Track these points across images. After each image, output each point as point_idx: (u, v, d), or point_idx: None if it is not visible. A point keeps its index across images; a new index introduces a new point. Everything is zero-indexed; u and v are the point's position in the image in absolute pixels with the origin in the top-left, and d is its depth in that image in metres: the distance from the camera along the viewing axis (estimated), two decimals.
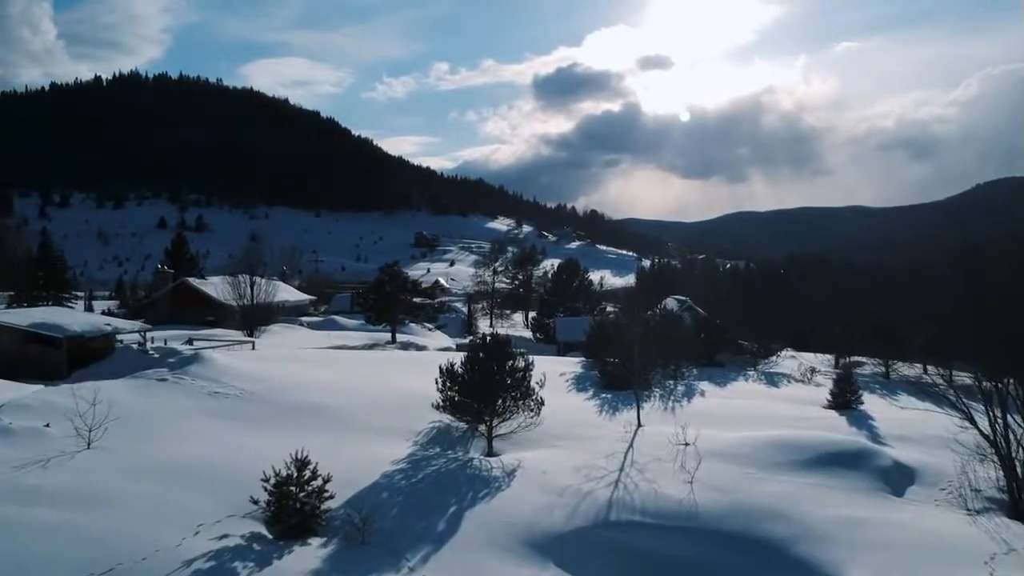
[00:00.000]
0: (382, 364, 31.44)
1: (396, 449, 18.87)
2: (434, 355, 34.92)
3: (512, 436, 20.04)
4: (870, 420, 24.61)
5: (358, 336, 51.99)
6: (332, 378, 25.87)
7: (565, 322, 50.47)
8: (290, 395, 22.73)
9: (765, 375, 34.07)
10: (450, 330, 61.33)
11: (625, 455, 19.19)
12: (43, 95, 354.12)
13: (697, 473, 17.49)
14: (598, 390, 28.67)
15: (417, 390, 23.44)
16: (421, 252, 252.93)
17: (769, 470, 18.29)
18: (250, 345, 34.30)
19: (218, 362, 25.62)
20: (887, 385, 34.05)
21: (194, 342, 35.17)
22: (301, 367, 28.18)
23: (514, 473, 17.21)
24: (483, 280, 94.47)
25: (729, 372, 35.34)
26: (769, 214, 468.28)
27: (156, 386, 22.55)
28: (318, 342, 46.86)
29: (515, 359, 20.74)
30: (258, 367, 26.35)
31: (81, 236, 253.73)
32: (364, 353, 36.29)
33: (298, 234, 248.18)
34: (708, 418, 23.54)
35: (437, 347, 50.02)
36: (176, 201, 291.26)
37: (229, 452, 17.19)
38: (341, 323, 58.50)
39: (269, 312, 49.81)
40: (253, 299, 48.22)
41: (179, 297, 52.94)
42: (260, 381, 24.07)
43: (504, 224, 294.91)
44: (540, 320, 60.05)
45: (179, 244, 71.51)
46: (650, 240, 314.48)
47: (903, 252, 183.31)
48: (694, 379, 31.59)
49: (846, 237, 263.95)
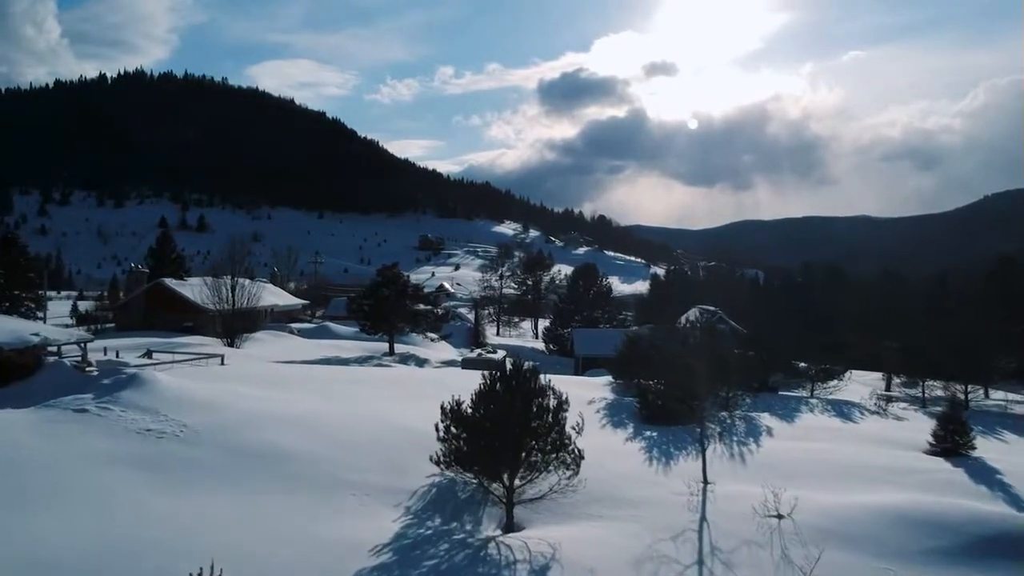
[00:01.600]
0: (373, 386, 26.00)
1: (380, 523, 13.47)
2: (436, 374, 29.54)
3: (540, 502, 14.61)
4: (996, 474, 19.08)
5: (352, 346, 46.64)
6: (307, 408, 20.47)
7: (584, 334, 44.86)
8: (245, 435, 17.33)
9: (831, 405, 28.54)
10: (455, 340, 55.84)
11: (700, 535, 13.75)
12: (47, 92, 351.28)
13: (815, 570, 12.02)
14: (638, 425, 23.21)
15: (413, 425, 18.13)
16: (425, 255, 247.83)
17: (910, 563, 12.83)
18: (219, 359, 28.97)
19: (162, 386, 20.25)
20: (975, 418, 28.44)
21: (154, 354, 29.84)
22: (271, 391, 22.80)
23: (547, 571, 11.78)
24: (490, 285, 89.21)
25: (787, 400, 29.82)
26: (775, 222, 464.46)
27: (69, 420, 17.20)
28: (306, 353, 41.52)
29: (545, 395, 15.23)
30: (216, 392, 20.99)
31: (81, 235, 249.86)
32: (354, 370, 30.86)
33: (301, 235, 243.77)
34: (790, 471, 18.10)
35: (439, 360, 44.62)
36: (178, 200, 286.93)
37: (129, 537, 11.73)
38: (335, 331, 53.15)
39: (253, 318, 44.46)
40: (235, 303, 42.95)
41: (154, 300, 47.60)
42: (212, 412, 18.71)
43: (511, 228, 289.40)
44: (554, 330, 54.57)
45: (164, 242, 66.19)
46: (658, 247, 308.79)
47: (916, 263, 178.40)
48: (749, 409, 26.13)
49: (854, 246, 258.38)
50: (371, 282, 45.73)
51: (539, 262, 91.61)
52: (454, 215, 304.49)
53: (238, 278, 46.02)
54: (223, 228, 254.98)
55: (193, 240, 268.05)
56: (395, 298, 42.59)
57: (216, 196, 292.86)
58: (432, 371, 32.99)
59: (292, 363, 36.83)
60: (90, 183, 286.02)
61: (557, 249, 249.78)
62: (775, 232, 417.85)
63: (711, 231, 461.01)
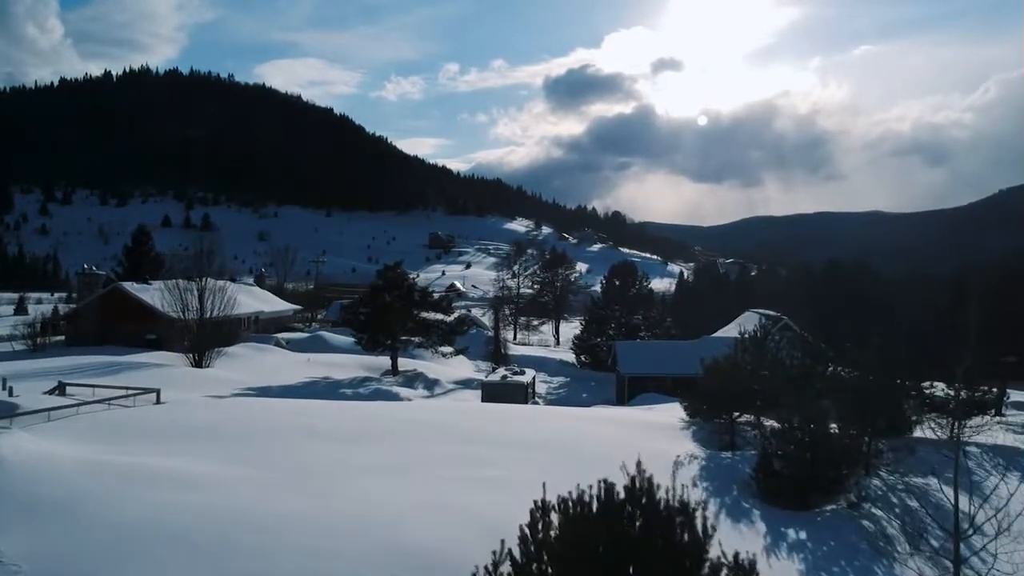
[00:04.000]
0: (355, 441, 17.85)
1: None
2: (449, 414, 21.39)
3: None
4: None
5: (348, 362, 38.72)
6: (226, 509, 12.21)
7: (630, 349, 36.33)
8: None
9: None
10: (472, 351, 47.36)
11: None
12: (52, 91, 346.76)
13: None
14: (764, 511, 15.01)
15: (421, 542, 10.15)
16: (436, 254, 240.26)
17: None
18: (155, 395, 21.06)
19: (5, 464, 12.31)
20: None
21: (68, 389, 21.97)
22: (189, 462, 14.67)
23: None
24: (505, 285, 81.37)
25: (928, 446, 21.51)
26: (787, 219, 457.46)
27: None
28: (288, 373, 33.66)
29: (677, 530, 7.11)
30: (91, 472, 13.03)
31: (82, 234, 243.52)
32: (337, 408, 22.50)
33: (308, 234, 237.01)
34: None
35: (453, 380, 36.63)
36: (183, 199, 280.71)
37: None
38: (330, 342, 45.27)
39: (229, 329, 36.67)
40: (203, 312, 35.19)
41: (110, 308, 39.87)
42: (58, 521, 10.71)
43: (522, 225, 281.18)
44: (586, 339, 46.37)
45: (140, 241, 58.69)
46: (674, 243, 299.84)
47: (936, 259, 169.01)
48: (896, 469, 17.97)
49: (868, 243, 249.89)
50: (370, 285, 37.75)
51: (560, 260, 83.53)
52: (465, 212, 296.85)
53: (211, 280, 38.27)
54: (228, 227, 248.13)
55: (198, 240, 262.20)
56: (399, 305, 34.55)
57: (222, 194, 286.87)
58: (443, 405, 24.82)
59: (265, 390, 29.00)
60: (93, 182, 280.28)
61: (570, 246, 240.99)
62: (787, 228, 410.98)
63: (722, 228, 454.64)
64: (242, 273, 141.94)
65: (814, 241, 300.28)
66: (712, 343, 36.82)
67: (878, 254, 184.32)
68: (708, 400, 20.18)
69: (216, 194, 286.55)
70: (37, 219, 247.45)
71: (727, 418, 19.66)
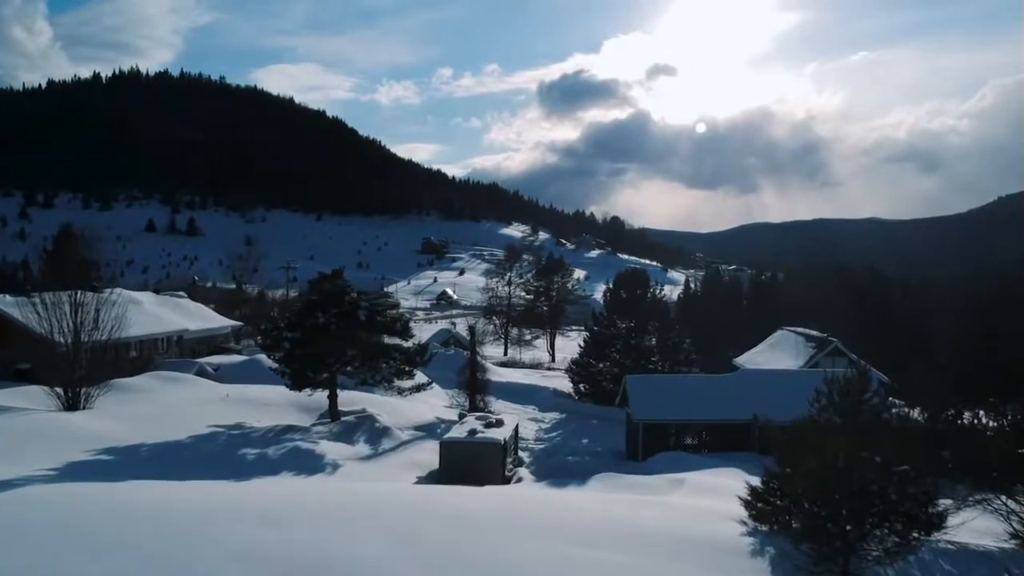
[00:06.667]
0: None
1: None
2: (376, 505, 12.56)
3: None
4: None
5: (278, 399, 30.04)
6: None
7: (645, 385, 26.89)
8: None
9: None
10: (446, 376, 38.72)
11: None
12: (39, 93, 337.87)
13: None
14: None
15: None
16: (428, 259, 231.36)
17: None
18: None
19: None
20: None
21: None
22: None
23: None
24: (496, 294, 72.81)
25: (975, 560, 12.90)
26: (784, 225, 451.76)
27: None
28: (195, 417, 25.05)
29: None
30: None
31: None
32: (159, 504, 13.22)
33: (296, 238, 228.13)
34: None
35: (412, 425, 27.98)
36: (169, 203, 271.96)
37: None
38: (267, 367, 36.49)
39: (120, 356, 28.09)
40: (76, 333, 26.68)
41: None
42: None
43: (519, 230, 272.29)
44: (585, 364, 37.65)
45: (64, 240, 49.81)
46: (673, 250, 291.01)
47: (940, 267, 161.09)
48: None
49: (865, 250, 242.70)
50: (303, 299, 29.07)
51: (557, 266, 74.95)
52: (460, 217, 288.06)
53: (102, 290, 29.81)
54: (215, 231, 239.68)
55: (182, 244, 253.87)
56: (337, 327, 25.85)
57: (209, 198, 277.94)
58: (360, 496, 15.79)
59: (132, 451, 20.40)
60: (77, 185, 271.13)
61: (568, 252, 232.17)
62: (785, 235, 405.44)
63: (719, 234, 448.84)
64: (225, 279, 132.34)
65: (810, 247, 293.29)
66: (755, 379, 28.16)
67: (879, 261, 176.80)
68: (799, 513, 11.58)
69: (204, 198, 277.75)
70: (16, 223, 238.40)
71: (841, 544, 11.07)
